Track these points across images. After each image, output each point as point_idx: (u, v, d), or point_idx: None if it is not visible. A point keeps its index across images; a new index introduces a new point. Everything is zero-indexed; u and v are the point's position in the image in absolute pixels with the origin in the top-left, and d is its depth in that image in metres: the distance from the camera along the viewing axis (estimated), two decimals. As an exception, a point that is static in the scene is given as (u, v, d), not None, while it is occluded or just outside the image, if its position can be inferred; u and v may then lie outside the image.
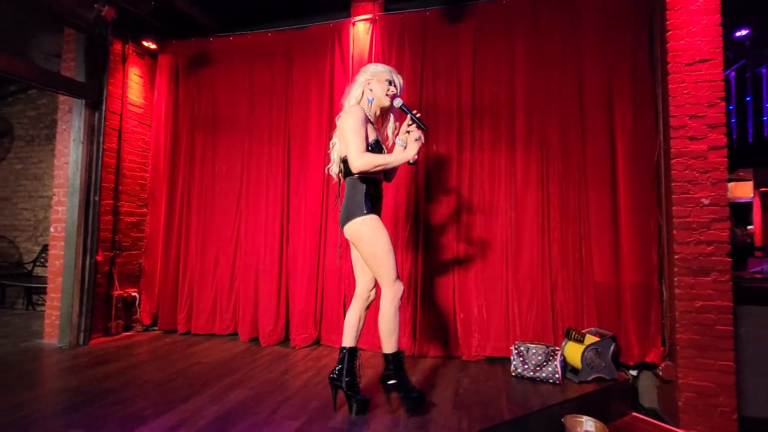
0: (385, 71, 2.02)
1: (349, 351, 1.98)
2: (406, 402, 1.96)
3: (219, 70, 3.58)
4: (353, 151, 1.85)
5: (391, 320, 1.90)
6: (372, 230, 1.91)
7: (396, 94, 2.02)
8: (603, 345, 2.43)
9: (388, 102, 2.00)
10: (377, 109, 2.05)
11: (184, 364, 2.67)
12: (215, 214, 3.48)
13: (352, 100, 2.04)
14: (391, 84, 2.01)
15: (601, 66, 2.78)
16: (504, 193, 2.91)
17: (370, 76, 2.02)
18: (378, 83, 2.00)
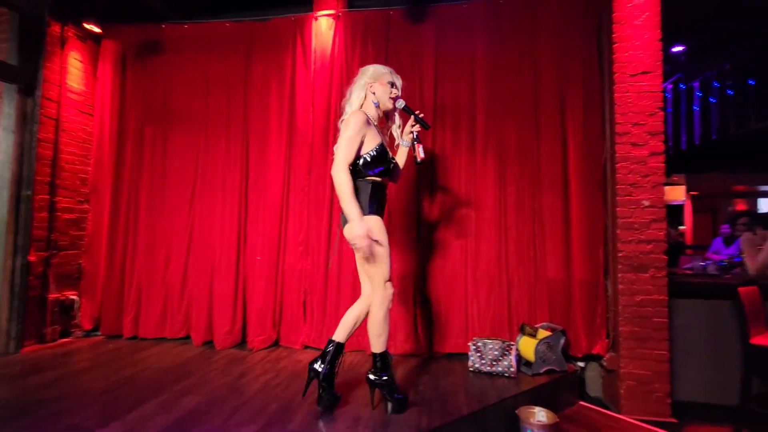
0: (386, 73, 2.04)
1: (336, 346, 2.00)
2: (389, 402, 1.96)
3: (172, 59, 3.38)
4: (340, 159, 1.86)
5: (380, 322, 1.93)
6: (376, 230, 1.90)
7: (398, 95, 2.04)
8: (554, 339, 2.55)
9: (392, 105, 2.03)
10: (382, 111, 2.07)
11: (130, 371, 2.50)
12: (166, 212, 3.29)
13: (355, 104, 2.04)
14: (393, 86, 2.03)
15: (555, 73, 2.91)
16: (464, 193, 2.98)
17: (372, 80, 2.03)
18: (380, 86, 2.02)
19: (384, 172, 1.99)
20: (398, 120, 2.16)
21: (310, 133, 3.14)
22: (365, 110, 2.01)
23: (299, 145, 3.16)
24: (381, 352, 1.96)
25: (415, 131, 2.09)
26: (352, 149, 1.88)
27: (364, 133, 1.92)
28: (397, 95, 2.04)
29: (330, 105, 3.12)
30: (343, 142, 1.88)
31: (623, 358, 2.50)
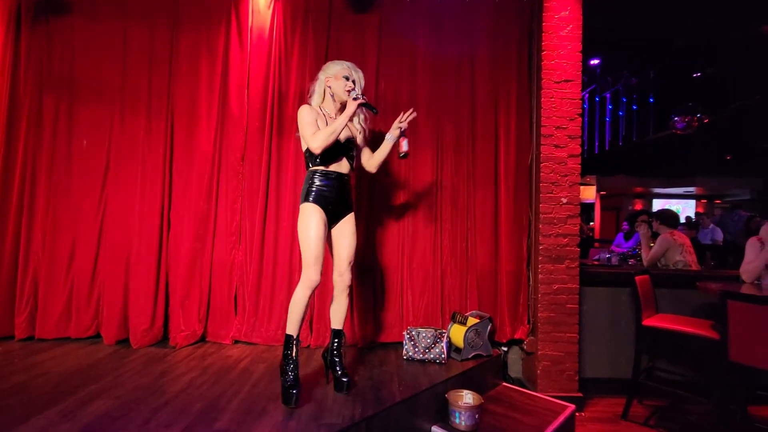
0: (342, 69, 2.19)
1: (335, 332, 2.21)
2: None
3: (81, 22, 2.96)
4: (308, 138, 2.04)
5: (295, 303, 2.01)
6: (303, 217, 2.08)
7: (353, 88, 2.14)
8: (482, 326, 2.71)
9: (347, 96, 2.11)
10: (339, 104, 2.22)
11: (23, 377, 2.18)
12: (72, 196, 2.90)
13: (316, 98, 2.23)
14: (348, 79, 2.16)
15: (490, 75, 3.05)
16: (402, 186, 3.03)
17: (329, 75, 2.20)
18: (336, 80, 2.17)
19: (321, 161, 2.13)
20: (362, 113, 2.32)
21: (245, 117, 2.97)
22: (325, 105, 2.22)
23: (232, 129, 2.96)
24: (287, 333, 2.01)
25: (402, 127, 2.25)
26: (311, 127, 2.06)
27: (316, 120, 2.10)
28: (351, 87, 2.14)
29: (267, 88, 2.96)
30: (302, 129, 2.08)
31: (541, 342, 2.73)
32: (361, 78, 2.22)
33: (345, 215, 2.23)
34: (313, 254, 2.02)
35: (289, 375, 1.96)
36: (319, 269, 2.03)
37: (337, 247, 2.22)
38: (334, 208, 2.16)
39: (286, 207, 2.96)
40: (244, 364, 2.50)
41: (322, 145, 2.01)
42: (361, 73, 2.23)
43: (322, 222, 2.08)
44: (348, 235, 2.22)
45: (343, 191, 2.19)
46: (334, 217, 2.18)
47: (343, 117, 2.02)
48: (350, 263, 2.21)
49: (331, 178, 2.14)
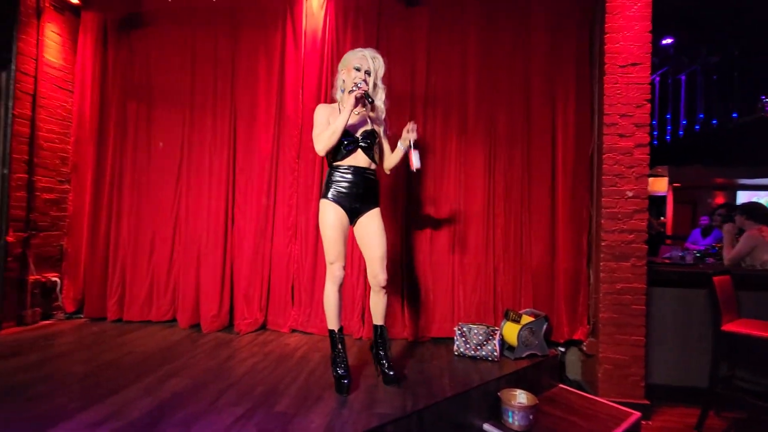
0: (354, 59, 2.10)
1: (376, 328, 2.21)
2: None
3: (155, 33, 3.26)
4: (313, 138, 2.08)
5: (327, 299, 2.08)
6: (321, 214, 2.10)
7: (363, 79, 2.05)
8: (537, 324, 2.62)
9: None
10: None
11: (114, 354, 2.48)
12: (151, 193, 3.22)
13: (338, 93, 2.19)
14: (360, 70, 2.08)
15: (547, 63, 2.91)
16: (453, 180, 2.99)
17: (343, 67, 2.15)
18: (347, 72, 2.12)
19: (336, 157, 2.10)
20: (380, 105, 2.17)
21: (300, 116, 3.09)
22: (342, 99, 2.14)
23: (288, 128, 3.11)
24: (328, 329, 2.09)
25: (411, 138, 2.08)
26: (317, 129, 2.08)
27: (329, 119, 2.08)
28: (362, 79, 2.05)
29: (320, 88, 3.06)
30: (313, 131, 2.10)
31: (602, 344, 2.58)
32: (379, 66, 2.11)
33: (367, 211, 2.12)
34: (333, 251, 2.03)
35: (339, 366, 2.04)
36: (341, 265, 2.04)
37: (366, 248, 2.13)
38: (353, 204, 2.08)
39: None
40: (301, 352, 2.63)
41: (324, 147, 2.01)
42: (380, 59, 2.11)
43: (339, 218, 2.05)
44: (374, 233, 2.10)
45: (363, 186, 2.09)
46: (354, 213, 2.10)
47: (342, 115, 1.97)
48: (382, 261, 2.10)
49: (348, 173, 2.08)
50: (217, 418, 1.74)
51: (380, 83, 2.15)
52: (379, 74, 2.11)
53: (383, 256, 2.10)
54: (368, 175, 2.12)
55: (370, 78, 2.09)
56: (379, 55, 2.14)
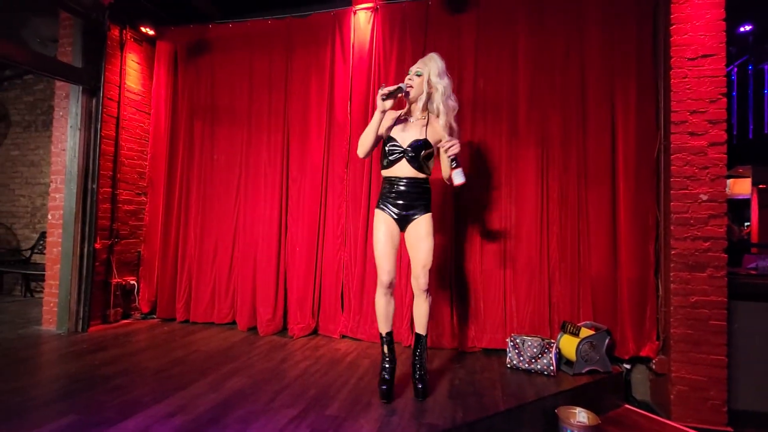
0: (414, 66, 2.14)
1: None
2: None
3: (218, 57, 3.54)
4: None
5: (376, 305, 2.16)
6: (374, 221, 2.17)
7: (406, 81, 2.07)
8: (598, 338, 2.45)
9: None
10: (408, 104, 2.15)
11: (182, 352, 2.69)
12: (214, 204, 3.47)
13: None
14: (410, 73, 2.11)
15: (604, 61, 2.76)
16: (504, 186, 2.91)
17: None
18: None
19: (384, 166, 2.15)
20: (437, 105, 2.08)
21: (348, 127, 3.19)
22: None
23: (338, 139, 3.21)
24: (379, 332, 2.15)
25: (451, 154, 1.98)
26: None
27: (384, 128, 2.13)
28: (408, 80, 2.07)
29: (368, 99, 3.14)
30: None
31: (675, 362, 2.36)
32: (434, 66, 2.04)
33: (414, 218, 2.10)
34: (378, 257, 2.08)
35: (383, 371, 2.05)
36: (386, 270, 2.05)
37: (411, 252, 2.13)
38: (401, 213, 2.09)
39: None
40: (351, 357, 2.68)
41: (359, 148, 2.12)
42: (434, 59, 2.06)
43: (387, 226, 2.09)
44: (419, 238, 2.07)
45: (409, 195, 2.08)
46: (403, 221, 2.11)
47: (374, 116, 2.04)
48: (425, 267, 2.06)
49: (394, 182, 2.09)
50: (273, 417, 1.82)
51: (437, 83, 2.03)
52: (432, 73, 2.02)
53: (426, 262, 2.07)
54: (416, 184, 2.09)
55: (421, 78, 2.04)
56: (436, 56, 2.09)
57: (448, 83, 2.06)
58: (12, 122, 4.74)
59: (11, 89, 4.75)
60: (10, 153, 4.75)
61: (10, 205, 4.74)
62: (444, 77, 2.05)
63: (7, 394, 1.98)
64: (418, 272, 2.08)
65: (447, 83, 2.05)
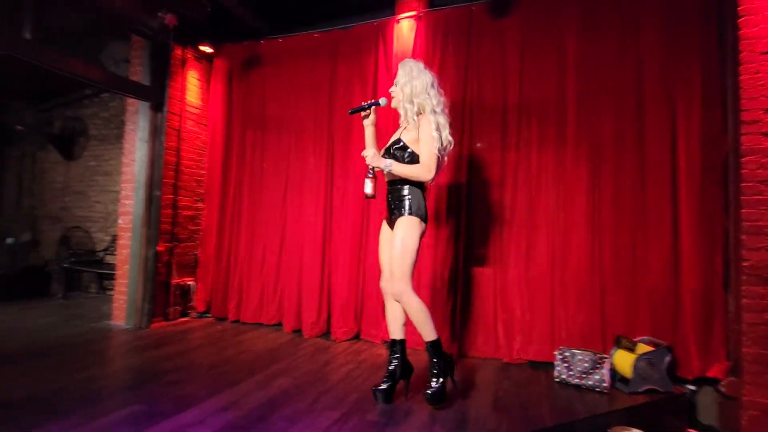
0: None
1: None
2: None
3: (268, 71, 3.74)
4: None
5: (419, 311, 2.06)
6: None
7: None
8: (657, 355, 2.28)
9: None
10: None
11: (233, 351, 2.83)
12: (263, 209, 3.65)
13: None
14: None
15: (663, 59, 2.59)
16: (552, 193, 2.81)
17: None
18: None
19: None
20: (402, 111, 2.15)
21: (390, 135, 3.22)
22: None
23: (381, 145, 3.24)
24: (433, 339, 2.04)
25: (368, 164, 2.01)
26: None
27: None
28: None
29: (410, 106, 3.16)
30: None
31: (747, 385, 2.13)
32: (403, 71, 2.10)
33: (394, 221, 2.07)
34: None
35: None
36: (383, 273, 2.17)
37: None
38: (388, 216, 2.16)
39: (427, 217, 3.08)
40: (393, 363, 2.68)
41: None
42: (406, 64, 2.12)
43: (383, 230, 2.20)
44: (390, 241, 2.05)
45: (390, 198, 2.11)
46: (391, 224, 2.10)
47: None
48: (393, 274, 2.01)
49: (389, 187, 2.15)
50: (316, 418, 1.87)
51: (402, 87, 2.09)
52: (399, 82, 2.10)
53: (393, 267, 2.00)
54: (394, 186, 2.10)
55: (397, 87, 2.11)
56: (407, 61, 2.15)
57: (418, 83, 2.06)
58: (90, 136, 5.27)
59: (90, 106, 5.29)
60: (88, 164, 5.28)
61: (87, 210, 5.26)
62: (413, 80, 2.06)
63: (82, 383, 2.19)
64: (387, 278, 2.09)
65: (415, 84, 2.06)
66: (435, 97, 2.07)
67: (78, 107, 5.32)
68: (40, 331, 3.20)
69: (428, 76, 2.09)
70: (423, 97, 2.05)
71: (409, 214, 2.02)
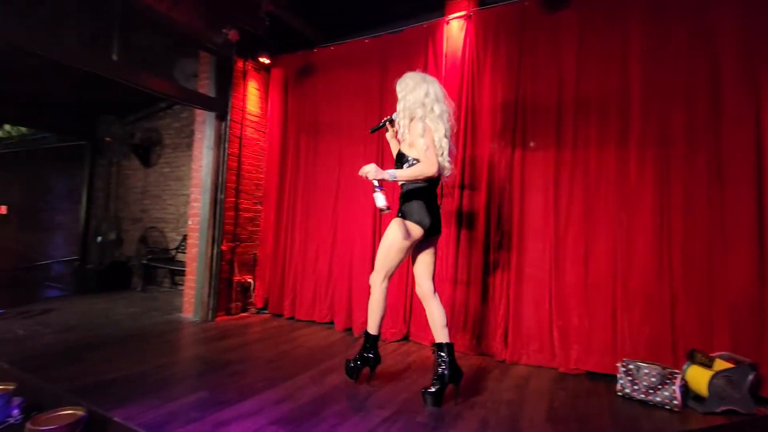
0: None
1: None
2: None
3: (321, 78, 3.88)
4: None
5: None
6: None
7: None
8: (738, 373, 2.05)
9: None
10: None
11: (288, 346, 2.98)
12: (316, 212, 3.79)
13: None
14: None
15: (741, 43, 2.34)
16: (612, 194, 2.64)
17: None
18: None
19: None
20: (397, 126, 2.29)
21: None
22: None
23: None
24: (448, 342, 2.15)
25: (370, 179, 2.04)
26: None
27: None
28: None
29: (460, 106, 3.12)
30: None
31: None
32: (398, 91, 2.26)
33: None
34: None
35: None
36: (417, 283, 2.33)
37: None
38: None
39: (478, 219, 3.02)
40: (442, 366, 2.66)
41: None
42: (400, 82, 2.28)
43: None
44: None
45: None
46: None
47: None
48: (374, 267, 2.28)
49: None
50: (366, 416, 1.91)
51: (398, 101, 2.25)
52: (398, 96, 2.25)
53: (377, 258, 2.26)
54: (402, 193, 2.28)
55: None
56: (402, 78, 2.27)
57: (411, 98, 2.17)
58: (165, 145, 5.81)
59: (165, 118, 5.83)
60: (162, 170, 5.82)
61: (162, 212, 5.80)
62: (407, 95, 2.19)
63: (157, 369, 2.42)
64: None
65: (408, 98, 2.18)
66: (431, 106, 2.16)
67: (154, 119, 5.89)
68: (126, 320, 3.59)
69: (424, 87, 2.17)
70: (415, 108, 2.17)
71: (402, 217, 2.17)
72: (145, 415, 1.81)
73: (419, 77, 2.21)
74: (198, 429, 1.72)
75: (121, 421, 1.76)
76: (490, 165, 2.99)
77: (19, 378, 2.21)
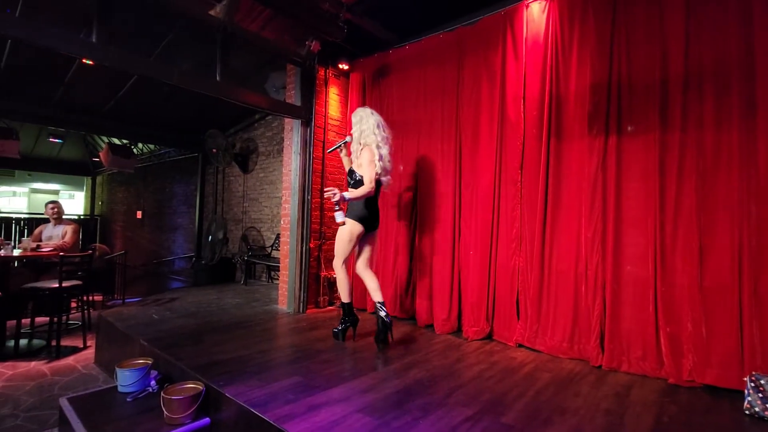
0: None
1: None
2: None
3: (396, 77, 3.94)
4: None
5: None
6: None
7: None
8: None
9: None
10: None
11: (371, 339, 3.10)
12: (396, 209, 3.87)
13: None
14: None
15: None
16: (735, 180, 2.26)
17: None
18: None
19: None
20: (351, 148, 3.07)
21: (522, 126, 3.05)
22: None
23: (510, 140, 3.11)
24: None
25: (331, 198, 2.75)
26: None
27: None
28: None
29: (543, 93, 2.94)
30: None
31: None
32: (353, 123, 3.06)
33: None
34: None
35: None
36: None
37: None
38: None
39: (564, 212, 2.82)
40: (528, 369, 2.55)
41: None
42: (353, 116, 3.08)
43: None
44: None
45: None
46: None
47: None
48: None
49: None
50: (448, 412, 1.92)
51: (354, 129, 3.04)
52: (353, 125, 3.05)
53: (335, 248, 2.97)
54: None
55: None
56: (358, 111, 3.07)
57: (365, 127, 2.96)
58: (260, 152, 6.42)
59: (258, 128, 6.43)
60: (258, 175, 6.44)
61: (258, 213, 6.42)
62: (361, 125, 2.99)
63: (259, 354, 2.70)
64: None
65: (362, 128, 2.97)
66: (379, 134, 2.93)
67: (250, 130, 6.53)
68: (232, 309, 4.06)
69: (373, 119, 2.96)
70: (367, 135, 2.93)
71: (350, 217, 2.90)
72: (251, 393, 2.04)
73: (369, 111, 3.01)
74: (294, 410, 1.89)
75: (231, 397, 2.01)
76: (579, 152, 2.76)
77: (155, 354, 2.65)
